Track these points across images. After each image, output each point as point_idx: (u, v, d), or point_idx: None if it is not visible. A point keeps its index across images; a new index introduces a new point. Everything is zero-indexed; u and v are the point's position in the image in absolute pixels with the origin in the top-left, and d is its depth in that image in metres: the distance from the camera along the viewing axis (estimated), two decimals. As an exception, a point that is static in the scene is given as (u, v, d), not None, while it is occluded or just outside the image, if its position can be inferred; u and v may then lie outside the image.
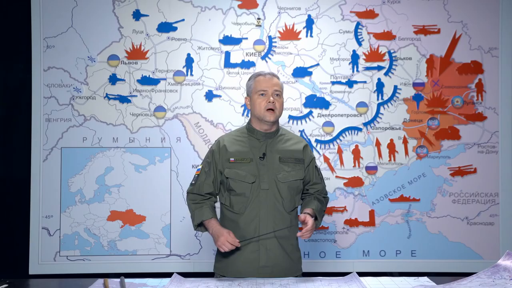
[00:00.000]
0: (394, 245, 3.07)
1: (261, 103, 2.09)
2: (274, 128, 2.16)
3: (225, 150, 2.11)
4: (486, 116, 3.10)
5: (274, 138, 2.15)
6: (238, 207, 2.08)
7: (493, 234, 3.07)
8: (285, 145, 2.15)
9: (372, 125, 3.10)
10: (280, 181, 2.08)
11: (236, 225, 2.08)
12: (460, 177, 3.09)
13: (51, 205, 3.01)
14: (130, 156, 3.05)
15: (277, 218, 2.07)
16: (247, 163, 2.08)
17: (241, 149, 2.12)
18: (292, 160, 2.13)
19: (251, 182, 2.06)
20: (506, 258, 1.70)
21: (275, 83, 2.11)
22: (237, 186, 2.07)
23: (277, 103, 2.09)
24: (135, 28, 3.06)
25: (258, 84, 2.11)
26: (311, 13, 3.09)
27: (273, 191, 2.07)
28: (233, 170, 2.08)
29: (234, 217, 2.10)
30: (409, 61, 3.10)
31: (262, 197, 2.06)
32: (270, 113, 2.08)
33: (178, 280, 1.81)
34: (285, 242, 2.09)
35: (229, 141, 2.15)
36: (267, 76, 2.13)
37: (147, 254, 3.03)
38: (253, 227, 2.06)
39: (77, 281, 1.89)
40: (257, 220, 2.06)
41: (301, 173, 2.13)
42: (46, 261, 3.00)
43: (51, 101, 3.03)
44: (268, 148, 2.12)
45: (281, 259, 2.07)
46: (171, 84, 3.07)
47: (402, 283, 1.79)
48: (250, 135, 2.16)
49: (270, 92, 2.09)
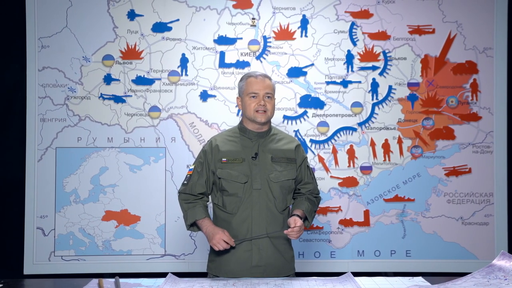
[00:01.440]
0: (388, 245, 3.07)
1: (252, 105, 2.08)
2: (266, 127, 2.15)
3: (218, 150, 2.11)
4: (481, 116, 3.10)
5: (266, 137, 2.15)
6: (231, 207, 2.08)
7: (488, 234, 3.07)
8: (277, 145, 2.15)
9: (367, 125, 3.09)
10: (272, 181, 2.08)
11: (228, 225, 2.08)
12: (455, 177, 3.09)
13: (46, 205, 3.01)
14: (125, 156, 3.05)
15: (269, 218, 2.07)
16: (239, 163, 2.08)
17: (233, 149, 2.12)
18: (284, 159, 2.12)
19: (244, 182, 2.06)
20: (501, 258, 1.70)
21: (266, 85, 2.09)
22: (229, 186, 2.07)
23: (268, 105, 2.08)
24: (129, 28, 3.06)
25: (249, 86, 2.10)
26: (305, 13, 3.09)
27: (266, 191, 2.07)
28: (226, 171, 2.08)
29: (226, 217, 2.10)
30: (404, 61, 3.09)
31: (254, 197, 2.06)
32: (261, 114, 2.07)
33: (173, 280, 1.81)
34: (278, 241, 2.10)
35: (221, 141, 2.14)
36: (259, 77, 2.11)
37: (141, 254, 3.03)
38: (245, 227, 2.06)
39: (72, 281, 1.89)
40: (250, 220, 2.06)
41: (293, 172, 2.13)
42: (41, 261, 3.00)
43: (46, 101, 3.03)
44: (260, 148, 2.12)
45: (273, 259, 2.07)
46: (166, 84, 3.07)
47: (397, 283, 1.79)
48: (242, 135, 2.15)
49: (261, 95, 2.08)
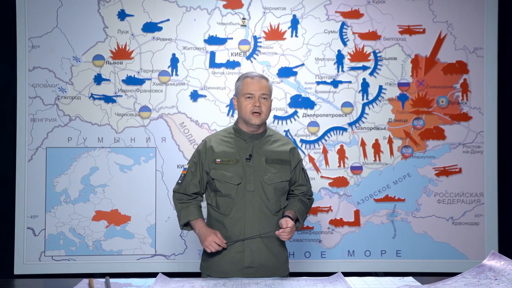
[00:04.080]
0: (379, 245, 3.08)
1: (247, 106, 2.07)
2: (261, 129, 2.14)
3: (212, 150, 2.10)
4: (471, 116, 3.10)
5: (261, 139, 2.14)
6: (224, 208, 2.08)
7: (478, 234, 3.08)
8: (272, 146, 2.14)
9: (357, 125, 3.09)
10: (266, 183, 2.07)
11: (222, 226, 2.07)
12: (445, 177, 3.09)
13: (36, 205, 3.01)
14: (115, 156, 3.05)
15: (262, 219, 2.06)
16: (233, 164, 2.07)
17: (227, 149, 2.11)
18: (278, 161, 2.11)
19: (237, 184, 2.05)
20: (491, 258, 1.69)
21: (262, 87, 2.07)
22: (223, 187, 2.06)
23: (263, 107, 2.07)
24: (120, 28, 3.06)
25: (246, 86, 2.08)
26: (296, 13, 3.09)
27: (259, 192, 2.06)
28: (219, 171, 2.07)
29: (220, 218, 2.09)
30: (394, 61, 3.10)
31: (248, 198, 2.05)
32: (255, 116, 2.06)
33: (163, 280, 1.81)
34: (271, 243, 2.09)
35: (216, 141, 2.13)
36: (255, 78, 2.09)
37: (132, 254, 3.03)
38: (238, 228, 2.05)
39: (62, 281, 1.89)
40: (243, 221, 2.05)
41: (287, 174, 2.12)
42: (31, 261, 3.00)
43: (36, 101, 3.03)
44: (254, 149, 2.11)
45: (266, 260, 2.06)
46: (156, 84, 3.07)
47: (387, 283, 1.79)
48: (237, 136, 2.14)
49: (257, 96, 2.06)
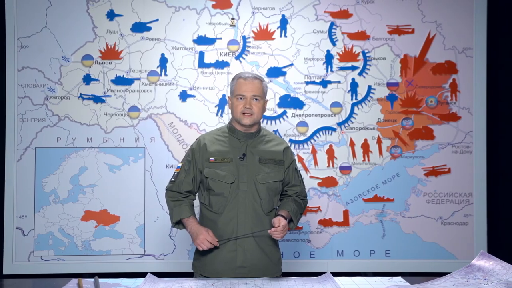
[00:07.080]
0: (368, 245, 3.08)
1: (238, 106, 2.08)
2: (255, 128, 2.14)
3: (205, 149, 2.10)
4: (460, 116, 3.10)
5: (255, 138, 2.14)
6: (217, 207, 2.08)
7: (467, 234, 3.08)
8: (266, 146, 2.14)
9: (346, 125, 3.09)
10: (259, 182, 2.07)
11: (214, 225, 2.07)
12: (434, 177, 3.09)
13: (25, 205, 3.01)
14: (104, 156, 3.05)
15: (255, 219, 2.06)
16: (227, 163, 2.08)
17: (221, 148, 2.11)
18: (272, 161, 2.11)
19: (230, 183, 2.05)
20: (480, 258, 1.69)
21: (254, 88, 2.07)
22: (216, 186, 2.07)
23: (255, 108, 2.06)
24: (109, 28, 3.06)
25: (238, 87, 2.09)
26: (285, 13, 3.09)
27: (252, 192, 2.07)
28: (213, 170, 2.07)
29: (212, 217, 2.09)
30: (383, 61, 3.10)
31: (240, 197, 2.06)
32: (246, 117, 2.06)
33: (152, 280, 1.81)
34: (264, 243, 2.09)
35: (210, 140, 2.14)
36: (248, 79, 2.09)
37: (121, 254, 3.03)
38: (231, 228, 2.05)
39: (51, 281, 1.89)
40: (235, 220, 2.05)
41: (281, 174, 2.12)
42: (20, 261, 3.00)
43: (25, 101, 3.03)
44: (248, 148, 2.11)
45: (258, 260, 2.06)
46: (145, 84, 3.07)
47: (376, 283, 1.79)
48: (231, 135, 2.14)
49: (248, 98, 2.06)
